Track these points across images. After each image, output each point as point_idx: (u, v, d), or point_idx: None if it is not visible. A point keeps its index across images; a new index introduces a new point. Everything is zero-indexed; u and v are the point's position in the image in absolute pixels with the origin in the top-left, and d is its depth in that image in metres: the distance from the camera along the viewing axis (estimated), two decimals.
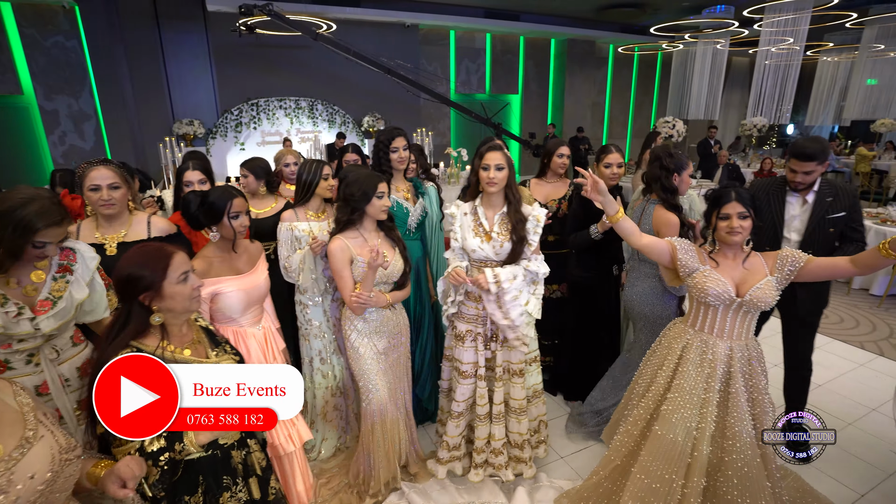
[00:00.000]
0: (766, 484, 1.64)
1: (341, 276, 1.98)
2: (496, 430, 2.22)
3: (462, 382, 2.18)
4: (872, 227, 4.94)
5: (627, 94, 13.19)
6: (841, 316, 4.34)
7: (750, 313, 1.71)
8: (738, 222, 1.64)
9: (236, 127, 8.68)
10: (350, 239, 1.98)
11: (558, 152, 2.84)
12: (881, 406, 2.98)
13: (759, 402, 1.70)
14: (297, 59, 8.78)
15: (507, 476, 2.27)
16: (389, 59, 7.64)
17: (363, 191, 1.93)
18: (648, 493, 1.74)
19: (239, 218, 1.81)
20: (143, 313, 1.22)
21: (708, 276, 1.71)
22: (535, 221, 2.04)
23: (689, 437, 1.72)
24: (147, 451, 1.14)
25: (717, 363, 1.72)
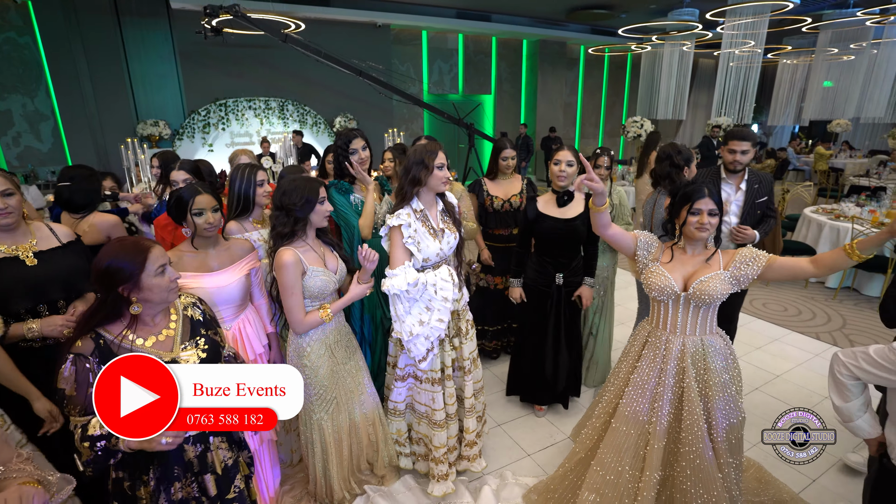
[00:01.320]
0: (718, 475, 1.69)
1: (293, 292, 1.81)
2: (469, 422, 2.24)
3: (437, 390, 2.10)
4: (827, 223, 5.14)
5: (598, 95, 13.43)
6: (799, 308, 4.50)
7: (702, 308, 1.72)
8: (707, 218, 1.66)
9: (204, 128, 8.49)
10: (299, 249, 1.84)
11: (502, 155, 2.99)
12: None
13: (712, 398, 1.71)
14: (266, 58, 8.62)
15: (481, 465, 2.29)
16: (361, 59, 7.58)
17: (306, 198, 1.82)
18: (604, 485, 1.77)
19: (203, 215, 1.76)
20: (119, 303, 1.27)
21: (655, 272, 1.74)
22: (455, 203, 2.13)
23: (643, 431, 1.75)
24: (87, 433, 1.17)
25: (670, 359, 1.75)
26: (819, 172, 9.74)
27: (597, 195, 1.72)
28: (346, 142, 2.39)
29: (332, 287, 1.94)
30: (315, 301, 1.91)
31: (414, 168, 1.92)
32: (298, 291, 1.83)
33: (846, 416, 1.51)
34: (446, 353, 2.12)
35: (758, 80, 7.79)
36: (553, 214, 2.50)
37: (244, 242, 1.99)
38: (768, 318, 4.30)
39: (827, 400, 3.01)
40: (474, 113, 10.00)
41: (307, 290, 1.86)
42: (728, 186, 2.71)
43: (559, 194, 2.51)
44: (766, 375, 3.34)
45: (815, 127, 14.27)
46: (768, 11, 6.93)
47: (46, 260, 1.74)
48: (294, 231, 1.85)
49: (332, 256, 2.01)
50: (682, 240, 1.77)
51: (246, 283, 1.93)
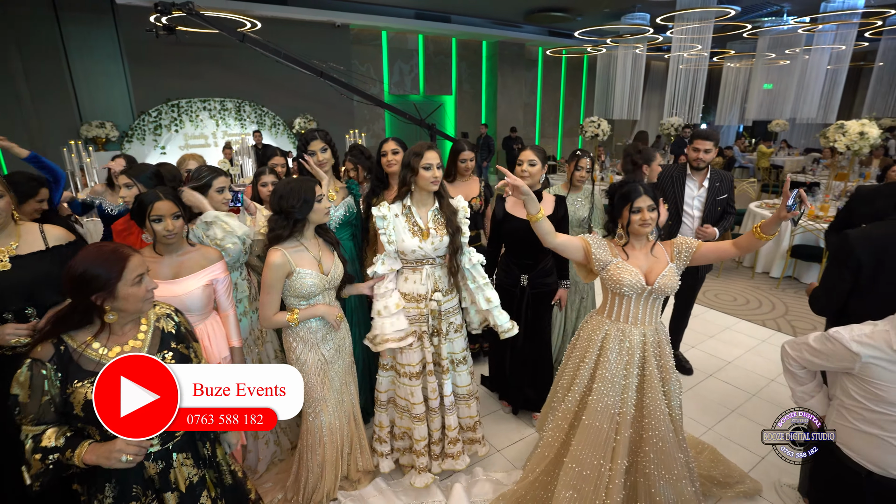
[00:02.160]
0: (679, 455, 1.78)
1: (268, 291, 1.87)
2: (450, 419, 2.25)
3: (416, 384, 2.16)
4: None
5: (557, 95, 13.74)
6: (747, 298, 4.78)
7: (657, 299, 1.84)
8: (648, 214, 1.75)
9: (155, 130, 8.14)
10: (290, 249, 1.89)
11: (461, 157, 2.96)
12: (778, 377, 3.32)
13: (668, 381, 1.84)
14: (221, 57, 8.34)
15: (464, 462, 2.30)
16: (320, 60, 7.45)
17: (303, 198, 1.86)
18: (580, 480, 1.82)
19: (162, 222, 1.70)
20: (91, 311, 1.22)
21: (622, 268, 1.80)
22: (464, 212, 2.13)
23: (613, 423, 1.82)
24: (41, 444, 1.14)
25: (634, 349, 1.83)
26: (762, 169, 10.35)
27: (527, 202, 1.73)
28: (304, 143, 2.39)
29: (321, 288, 1.95)
30: (304, 300, 1.95)
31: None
32: (275, 292, 1.88)
33: (801, 399, 1.68)
34: (426, 349, 2.15)
35: (705, 82, 8.20)
36: (518, 215, 2.49)
37: (211, 251, 1.92)
38: (720, 308, 4.54)
39: (774, 383, 3.24)
40: (436, 113, 10.02)
41: (294, 290, 1.91)
42: (692, 183, 2.93)
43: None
44: (719, 362, 3.53)
45: (757, 127, 15.13)
46: (712, 17, 7.31)
47: (22, 265, 1.68)
48: (293, 232, 1.90)
49: (330, 256, 2.03)
50: (627, 238, 1.84)
51: (207, 293, 1.87)
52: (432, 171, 1.99)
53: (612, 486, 1.79)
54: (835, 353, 1.45)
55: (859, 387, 1.43)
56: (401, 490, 2.27)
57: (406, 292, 2.13)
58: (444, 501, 2.22)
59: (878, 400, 1.39)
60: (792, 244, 5.00)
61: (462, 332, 2.26)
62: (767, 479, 2.35)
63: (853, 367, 1.42)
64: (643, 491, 1.83)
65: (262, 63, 7.79)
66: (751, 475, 2.37)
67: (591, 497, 1.81)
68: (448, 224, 2.07)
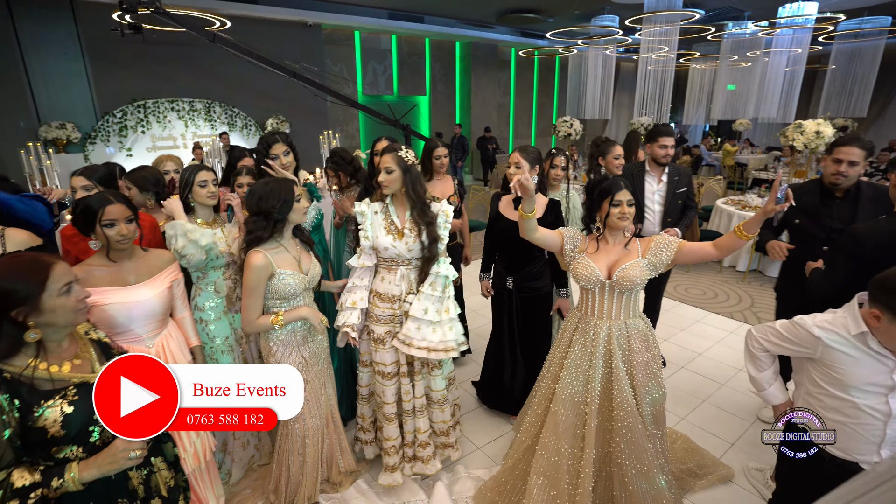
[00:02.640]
0: (648, 445, 1.84)
1: (252, 294, 1.84)
2: (420, 422, 2.26)
3: (388, 384, 2.18)
4: (735, 213, 5.68)
5: (530, 95, 13.91)
6: (715, 291, 4.95)
7: (625, 293, 1.86)
8: (627, 208, 1.81)
9: (121, 131, 7.87)
10: (270, 251, 1.87)
11: (435, 154, 2.97)
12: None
13: (636, 376, 1.87)
14: (189, 57, 8.11)
15: (435, 467, 2.30)
16: (292, 59, 7.36)
17: (283, 198, 1.84)
18: (549, 467, 1.88)
19: (115, 227, 1.62)
20: (14, 331, 1.09)
21: (581, 262, 1.87)
22: (445, 217, 2.12)
23: (579, 412, 1.87)
24: (14, 486, 1.03)
25: (598, 342, 1.88)
26: (727, 167, 10.72)
27: (527, 201, 1.80)
28: (266, 146, 2.36)
29: (302, 288, 1.94)
30: (285, 301, 1.93)
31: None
32: (258, 294, 1.86)
33: (760, 385, 1.72)
34: (399, 350, 2.15)
35: (673, 82, 8.44)
36: (507, 216, 2.50)
37: (164, 253, 1.89)
38: (690, 301, 4.69)
39: (741, 373, 3.37)
40: (411, 114, 10.01)
41: (276, 291, 1.89)
42: (651, 179, 3.05)
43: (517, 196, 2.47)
44: (690, 354, 3.65)
45: (722, 126, 15.68)
46: (678, 20, 7.53)
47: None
48: (273, 233, 1.87)
49: (308, 256, 2.02)
50: (605, 231, 1.90)
51: (168, 296, 1.84)
52: (379, 176, 2.03)
53: (583, 474, 1.84)
54: (799, 337, 1.53)
55: (823, 373, 1.51)
56: (382, 491, 2.27)
57: (381, 292, 2.14)
58: (427, 500, 2.23)
59: (840, 385, 1.46)
60: (756, 239, 5.20)
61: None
62: (737, 464, 2.45)
63: (815, 352, 1.49)
64: (618, 481, 1.89)
65: (233, 63, 7.63)
66: (722, 459, 2.47)
67: (562, 484, 1.86)
68: (427, 232, 2.07)
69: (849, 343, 1.43)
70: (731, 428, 2.77)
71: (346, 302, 2.15)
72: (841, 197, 2.30)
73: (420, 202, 2.07)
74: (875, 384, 1.41)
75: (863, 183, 2.30)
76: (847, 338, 1.43)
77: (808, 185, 2.43)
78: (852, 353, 1.43)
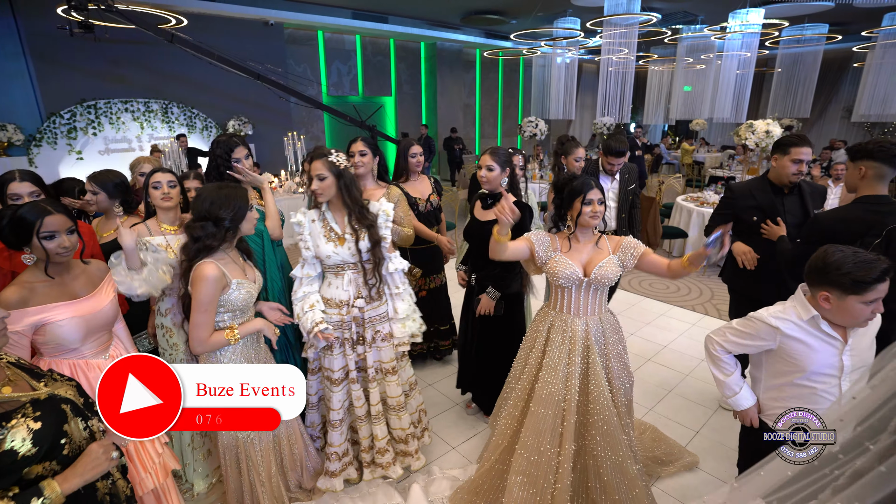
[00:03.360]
0: (623, 437, 1.89)
1: (207, 309, 1.69)
2: (377, 429, 2.22)
3: (335, 390, 2.15)
4: (694, 209, 5.91)
5: (496, 96, 14.05)
6: (678, 285, 5.13)
7: (599, 290, 1.92)
8: (598, 207, 1.84)
9: (69, 133, 7.46)
10: (221, 262, 1.75)
11: (411, 153, 2.95)
12: None
13: (612, 368, 1.93)
14: (143, 55, 7.78)
15: (396, 472, 2.27)
16: (252, 59, 7.17)
17: (237, 206, 1.72)
18: (530, 466, 1.88)
19: (55, 238, 1.50)
20: None
21: (559, 262, 1.88)
22: (385, 216, 2.09)
23: (559, 410, 1.89)
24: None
25: (577, 339, 1.91)
26: (686, 165, 11.15)
27: (503, 225, 1.81)
28: (226, 150, 2.25)
29: (252, 299, 1.85)
30: (238, 316, 1.83)
31: None
32: (213, 309, 1.72)
33: (730, 389, 1.69)
34: (348, 356, 2.13)
35: (633, 83, 8.71)
36: (476, 215, 2.52)
37: (100, 263, 1.80)
38: (654, 296, 4.84)
39: (704, 363, 3.50)
40: (377, 115, 9.93)
41: (230, 304, 1.77)
42: (606, 178, 3.29)
43: (482, 197, 2.49)
44: (656, 347, 3.77)
45: (680, 126, 16.29)
46: (637, 24, 7.78)
47: None
48: (223, 243, 1.75)
49: (250, 266, 1.92)
50: (576, 229, 1.92)
51: (116, 303, 1.75)
52: (312, 184, 1.99)
53: (561, 470, 1.86)
54: (758, 330, 1.59)
55: (781, 363, 1.58)
56: (358, 496, 2.23)
57: (329, 297, 2.11)
58: (403, 503, 2.21)
59: (797, 373, 1.54)
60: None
61: (390, 341, 2.20)
62: (702, 451, 2.54)
63: (774, 343, 1.56)
64: (593, 472, 1.92)
65: (191, 62, 7.37)
66: (688, 447, 2.56)
67: (541, 482, 1.87)
68: (369, 235, 2.02)
69: (802, 329, 1.51)
70: (696, 416, 2.88)
71: (305, 306, 2.08)
72: (787, 193, 2.47)
73: (357, 206, 2.02)
74: (828, 367, 1.49)
75: (801, 180, 2.46)
76: (800, 324, 1.51)
77: (756, 183, 2.54)
78: (806, 338, 1.51)
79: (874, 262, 1.36)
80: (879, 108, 9.20)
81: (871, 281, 1.36)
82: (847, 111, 12.52)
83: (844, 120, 13.03)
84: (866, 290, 1.37)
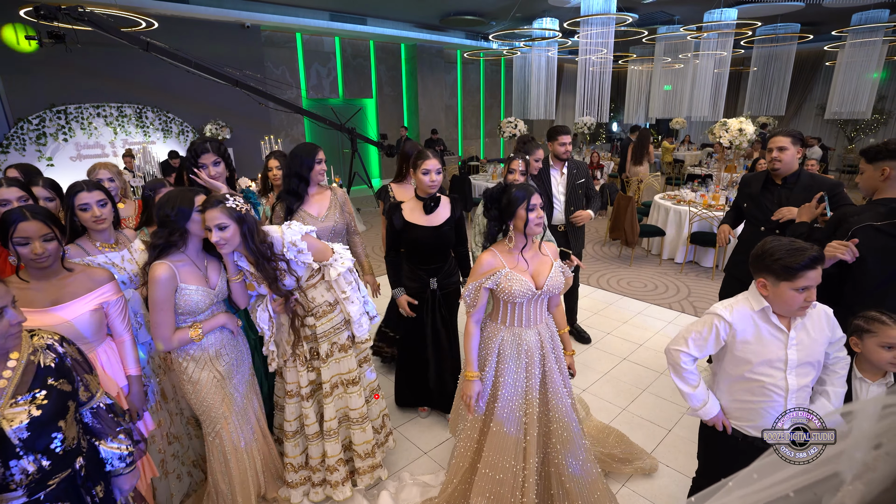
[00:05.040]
0: (584, 441, 1.88)
1: (162, 308, 1.73)
2: (329, 447, 2.14)
3: (288, 402, 2.12)
4: (671, 207, 5.96)
5: (477, 97, 14.05)
6: (655, 283, 5.17)
7: (545, 298, 1.89)
8: (541, 212, 1.78)
9: (38, 139, 7.27)
10: (176, 263, 1.76)
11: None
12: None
13: (563, 371, 1.94)
14: (115, 59, 7.62)
15: (344, 493, 2.17)
16: (230, 62, 7.06)
17: (178, 208, 1.74)
18: (495, 485, 1.85)
19: (28, 245, 1.50)
20: None
21: (511, 279, 1.77)
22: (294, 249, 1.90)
23: (520, 426, 1.86)
24: None
25: (532, 351, 1.86)
26: (666, 164, 11.27)
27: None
28: (194, 155, 2.23)
29: (207, 303, 1.84)
30: (188, 317, 1.82)
31: None
32: (169, 308, 1.75)
33: (699, 400, 1.62)
34: (299, 371, 2.07)
35: (611, 83, 8.77)
36: (420, 223, 2.44)
37: (100, 273, 1.73)
38: (632, 294, 4.87)
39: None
40: (357, 117, 9.85)
41: (178, 306, 1.78)
42: (555, 172, 3.48)
43: (426, 201, 2.44)
44: (632, 346, 3.78)
45: (661, 124, 16.47)
46: (613, 23, 7.83)
47: None
48: (169, 243, 1.75)
49: (217, 268, 1.91)
50: (518, 240, 1.80)
51: (97, 318, 1.69)
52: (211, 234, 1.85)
53: (527, 484, 1.84)
54: (713, 325, 1.57)
55: (734, 357, 1.58)
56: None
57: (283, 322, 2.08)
58: None
59: (748, 366, 1.54)
60: (691, 231, 5.48)
61: (351, 351, 2.15)
62: (674, 449, 2.55)
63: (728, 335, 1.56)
64: (555, 480, 1.91)
65: (165, 65, 7.23)
66: (660, 446, 2.56)
67: (508, 499, 1.84)
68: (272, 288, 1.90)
69: (752, 321, 1.52)
70: (669, 415, 2.89)
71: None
72: (780, 184, 2.63)
73: (262, 256, 1.84)
74: (776, 360, 1.50)
75: (804, 172, 2.61)
76: (750, 315, 1.52)
77: (756, 175, 2.78)
78: (756, 329, 1.52)
79: (805, 249, 1.39)
80: (850, 105, 9.40)
81: (798, 267, 1.38)
82: (821, 108, 12.77)
83: (819, 117, 13.29)
84: (795, 277, 1.40)
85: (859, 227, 1.93)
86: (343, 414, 2.19)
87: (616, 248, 6.48)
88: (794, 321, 1.50)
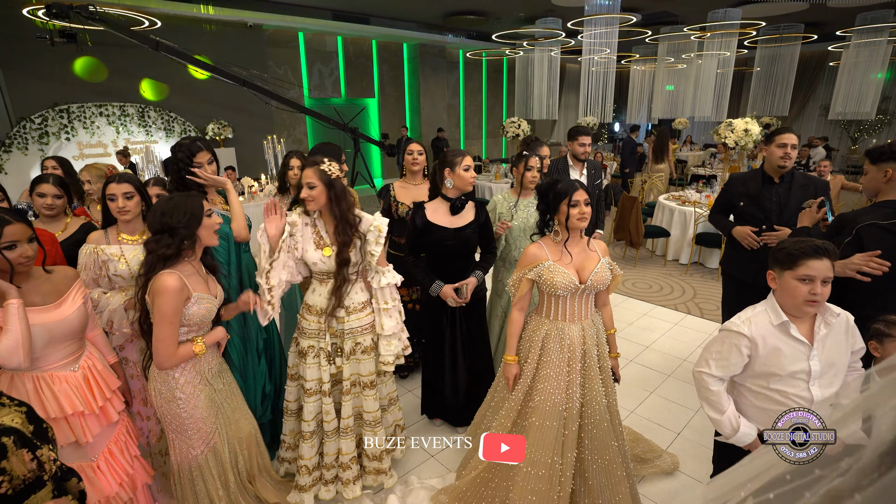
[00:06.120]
0: (613, 443, 1.86)
1: (172, 321, 1.62)
2: (344, 444, 2.14)
3: (308, 401, 2.09)
4: (676, 208, 5.93)
5: (480, 97, 14.02)
6: (661, 284, 5.14)
7: (591, 294, 1.89)
8: (585, 208, 1.80)
9: (41, 138, 7.26)
10: (183, 273, 1.67)
11: (408, 150, 2.87)
12: (690, 356, 3.59)
13: (605, 369, 1.93)
14: (117, 58, 7.60)
15: (353, 493, 2.16)
16: (234, 62, 7.04)
17: (190, 212, 1.66)
18: (536, 481, 1.83)
19: (16, 248, 1.48)
20: None
21: (554, 271, 1.81)
22: (377, 232, 2.02)
23: (561, 419, 1.85)
24: None
25: (575, 346, 1.86)
26: (670, 164, 11.23)
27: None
28: (188, 154, 2.16)
29: (213, 315, 1.79)
30: (194, 331, 1.76)
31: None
32: (177, 321, 1.66)
33: (732, 427, 1.55)
34: (322, 367, 2.06)
35: (615, 83, 8.74)
36: (442, 224, 2.36)
37: (67, 270, 1.74)
38: (638, 295, 4.84)
39: (686, 363, 3.49)
40: (360, 117, 9.83)
41: (188, 318, 1.70)
42: (575, 172, 3.47)
43: (454, 201, 2.37)
44: (638, 347, 3.76)
45: (663, 125, 16.44)
46: (617, 23, 7.81)
47: None
48: (180, 252, 1.67)
49: (213, 281, 1.86)
50: (563, 234, 1.86)
51: (85, 311, 1.69)
52: (302, 191, 1.94)
53: (563, 479, 1.83)
54: (732, 344, 1.53)
55: (754, 368, 1.54)
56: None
57: (311, 304, 2.07)
58: None
59: (770, 377, 1.50)
60: (696, 232, 5.46)
61: (372, 354, 2.13)
62: (683, 453, 2.52)
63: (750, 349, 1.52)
64: (579, 475, 1.90)
65: (168, 65, 7.22)
66: (669, 449, 2.53)
67: (549, 494, 1.82)
68: (338, 253, 1.96)
69: (772, 334, 1.49)
70: (677, 417, 2.86)
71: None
72: (778, 183, 2.61)
73: (343, 220, 1.95)
74: (798, 372, 1.47)
75: (796, 171, 2.62)
76: (770, 329, 1.49)
77: (751, 174, 2.76)
78: (776, 343, 1.48)
79: (810, 241, 1.40)
80: (854, 105, 9.36)
81: (799, 254, 1.39)
82: (824, 109, 12.73)
83: (822, 118, 13.25)
84: (796, 264, 1.39)
85: (863, 225, 1.93)
86: (357, 413, 2.18)
87: (620, 248, 6.45)
88: (817, 333, 1.46)
